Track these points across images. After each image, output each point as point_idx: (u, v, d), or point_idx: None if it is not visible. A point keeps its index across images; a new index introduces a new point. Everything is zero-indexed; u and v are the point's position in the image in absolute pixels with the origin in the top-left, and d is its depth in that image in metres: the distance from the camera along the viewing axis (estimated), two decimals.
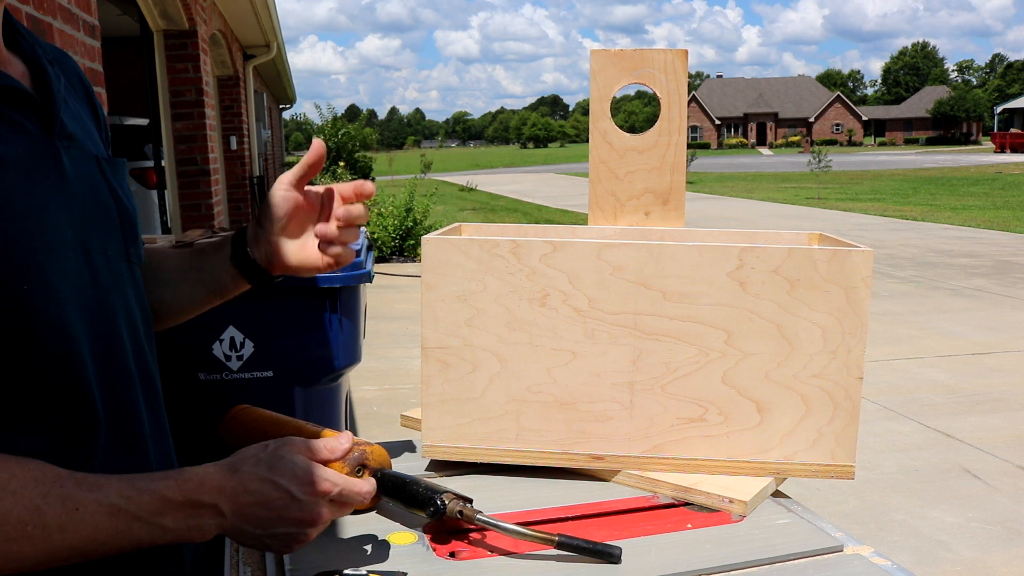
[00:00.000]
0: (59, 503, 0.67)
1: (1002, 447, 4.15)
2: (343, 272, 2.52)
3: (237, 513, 0.75)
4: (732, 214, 16.85)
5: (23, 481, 0.66)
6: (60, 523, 0.66)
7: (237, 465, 0.76)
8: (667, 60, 1.29)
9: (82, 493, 0.68)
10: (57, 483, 0.68)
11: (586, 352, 1.07)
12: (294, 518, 0.76)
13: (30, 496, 0.66)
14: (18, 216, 0.71)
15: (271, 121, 17.86)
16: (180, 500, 0.73)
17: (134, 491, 0.71)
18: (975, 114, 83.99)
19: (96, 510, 0.68)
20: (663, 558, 0.90)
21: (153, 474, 0.74)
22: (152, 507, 0.71)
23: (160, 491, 0.72)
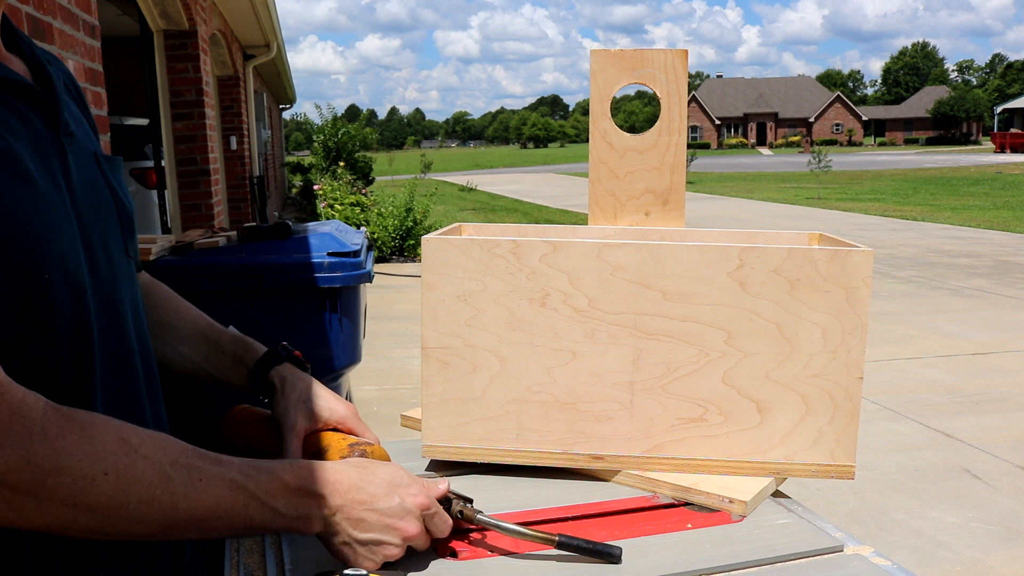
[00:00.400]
0: (185, 472, 0.70)
1: (1002, 447, 4.15)
2: (343, 272, 2.52)
3: (344, 509, 0.78)
4: (732, 214, 16.86)
5: (153, 447, 0.69)
6: (186, 491, 0.69)
7: (358, 464, 0.81)
8: (667, 60, 1.29)
9: (206, 465, 0.71)
10: (183, 453, 0.71)
11: (586, 352, 1.07)
12: (394, 526, 0.80)
13: (160, 462, 0.68)
14: (35, 209, 0.72)
15: (271, 121, 17.87)
16: (295, 485, 0.75)
17: (254, 470, 0.74)
18: (975, 114, 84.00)
19: (219, 483, 0.71)
20: (663, 558, 0.90)
21: (272, 460, 0.77)
22: (269, 488, 0.74)
23: (278, 473, 0.75)
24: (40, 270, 0.71)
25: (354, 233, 2.94)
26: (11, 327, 0.70)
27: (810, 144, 68.14)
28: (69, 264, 0.75)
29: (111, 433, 0.67)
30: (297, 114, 35.25)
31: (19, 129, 0.74)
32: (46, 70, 0.83)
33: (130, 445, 0.67)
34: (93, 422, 0.67)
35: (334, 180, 14.31)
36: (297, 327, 2.53)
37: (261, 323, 2.52)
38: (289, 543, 0.93)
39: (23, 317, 0.70)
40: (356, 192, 12.93)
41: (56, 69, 0.88)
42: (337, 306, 2.55)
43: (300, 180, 22.18)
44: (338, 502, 0.78)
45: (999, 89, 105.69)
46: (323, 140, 18.61)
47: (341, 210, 11.12)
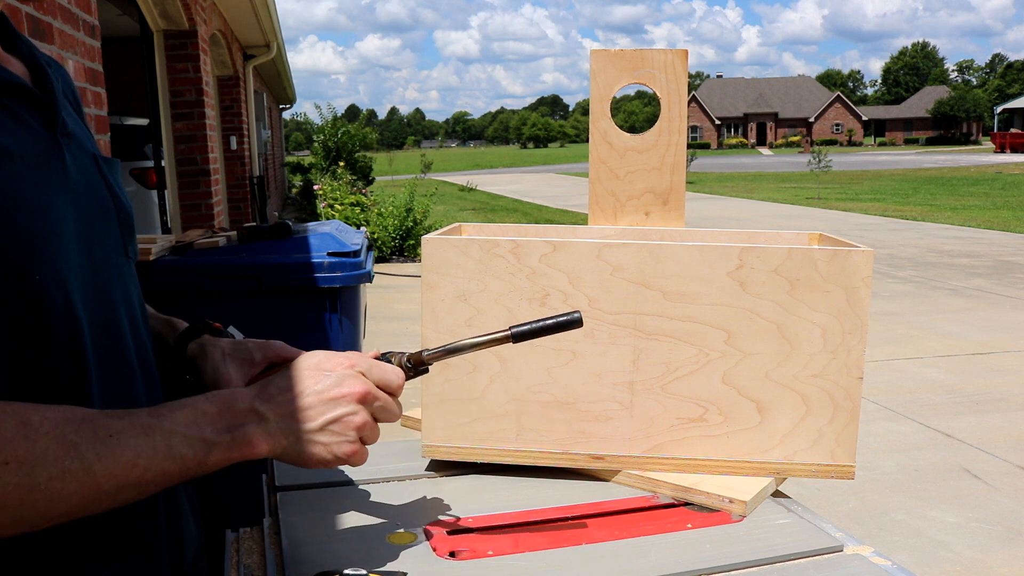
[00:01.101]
0: (91, 433, 0.66)
1: (1002, 447, 4.15)
2: (343, 272, 2.52)
3: (278, 412, 0.75)
4: (732, 214, 16.86)
5: (54, 421, 0.66)
6: (96, 452, 0.66)
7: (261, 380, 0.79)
8: (667, 60, 1.29)
9: (113, 421, 0.68)
10: (87, 418, 0.68)
11: (586, 352, 1.07)
12: (338, 395, 0.76)
13: (63, 432, 0.65)
14: (29, 209, 0.72)
15: (271, 121, 17.86)
16: (215, 410, 0.72)
17: (166, 408, 0.71)
18: (975, 114, 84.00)
19: (130, 432, 0.68)
20: (663, 558, 0.90)
21: (183, 399, 0.74)
22: (187, 419, 0.71)
23: (192, 404, 0.72)
24: (33, 271, 0.71)
25: (354, 233, 2.94)
26: (9, 328, 0.70)
27: (810, 144, 68.15)
28: (63, 266, 0.75)
29: (8, 420, 0.64)
30: (297, 114, 35.36)
31: (15, 130, 0.74)
32: (45, 72, 0.84)
33: (30, 426, 0.64)
34: None
35: (334, 180, 14.31)
36: (297, 327, 2.53)
37: (261, 323, 2.51)
38: (289, 543, 0.93)
39: (20, 318, 0.70)
40: (356, 192, 12.93)
41: (55, 72, 0.88)
42: (337, 306, 2.55)
43: (300, 180, 22.19)
44: (268, 406, 0.75)
45: (999, 89, 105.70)
46: (323, 140, 18.61)
47: (341, 210, 11.13)
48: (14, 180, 0.71)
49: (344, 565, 0.86)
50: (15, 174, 0.72)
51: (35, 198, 0.73)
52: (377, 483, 1.11)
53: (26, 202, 0.72)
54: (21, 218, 0.71)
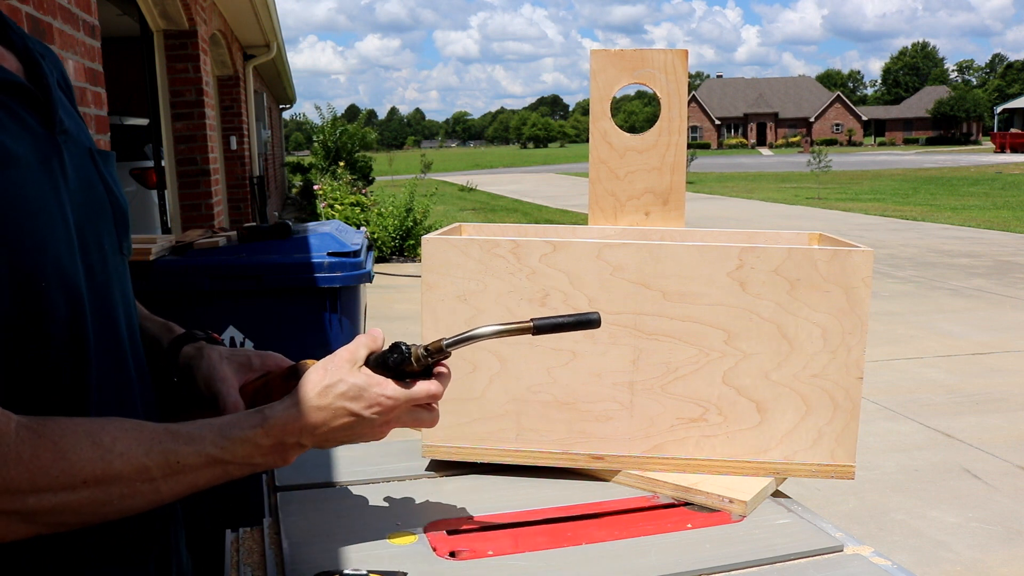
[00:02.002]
0: (162, 458, 0.72)
1: (1002, 447, 4.15)
2: (343, 272, 2.52)
3: (318, 442, 0.82)
4: (732, 214, 16.85)
5: (127, 443, 0.71)
6: (164, 475, 0.73)
7: (307, 400, 0.82)
8: (667, 60, 1.29)
9: (181, 447, 0.74)
10: (157, 439, 0.73)
11: (586, 352, 1.07)
12: (367, 432, 0.83)
13: (136, 455, 0.71)
14: (31, 213, 0.72)
15: (271, 121, 17.86)
16: (269, 444, 0.79)
17: (228, 441, 0.77)
18: (975, 114, 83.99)
19: (197, 462, 0.75)
20: (663, 558, 0.90)
21: (241, 420, 0.79)
22: (246, 453, 0.78)
23: (252, 439, 0.78)
24: (37, 277, 0.71)
25: (354, 233, 2.94)
26: (9, 331, 0.70)
27: (810, 144, 68.15)
28: (65, 269, 0.74)
29: (83, 440, 0.69)
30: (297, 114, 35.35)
31: (14, 130, 0.73)
32: (39, 65, 0.82)
33: (103, 447, 0.70)
34: (65, 433, 0.69)
35: (334, 180, 14.31)
36: (297, 327, 2.53)
37: (261, 323, 2.51)
38: (289, 543, 0.93)
39: (21, 321, 0.70)
40: (356, 192, 12.93)
41: (49, 63, 0.87)
42: (337, 306, 2.55)
43: (300, 180, 22.18)
44: (311, 441, 0.81)
45: (999, 89, 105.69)
46: (323, 140, 18.60)
47: (341, 210, 11.13)
48: (17, 184, 0.71)
49: (344, 565, 0.86)
50: (18, 178, 0.71)
51: (37, 202, 0.73)
52: (377, 483, 1.11)
53: (28, 206, 0.71)
54: (25, 223, 0.70)
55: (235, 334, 2.50)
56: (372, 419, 0.82)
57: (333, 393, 0.81)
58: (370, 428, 0.83)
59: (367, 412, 0.82)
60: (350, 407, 0.81)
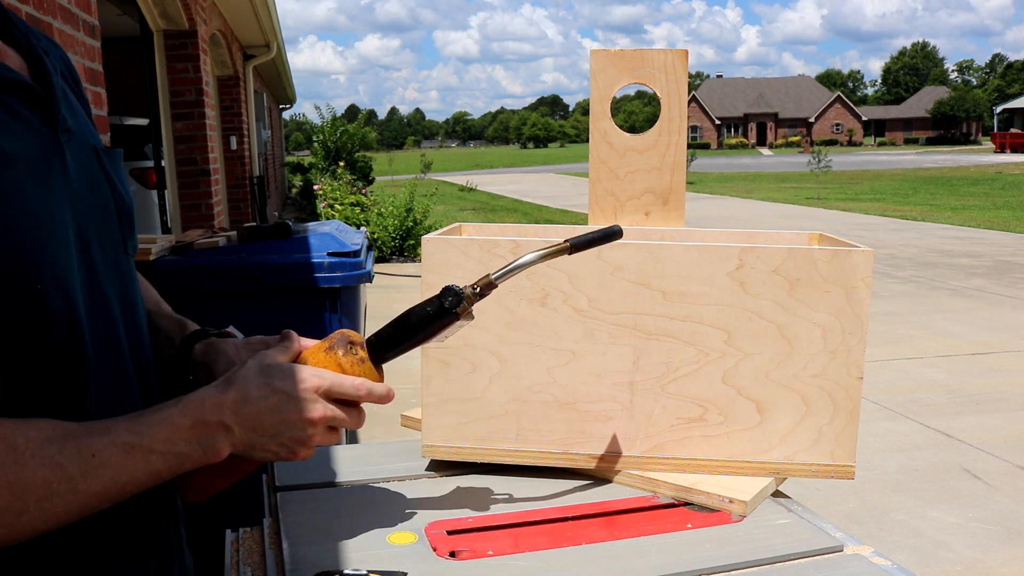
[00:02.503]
0: (76, 453, 0.69)
1: (1002, 447, 4.15)
2: (343, 272, 2.52)
3: (243, 424, 0.77)
4: (732, 214, 16.86)
5: (38, 442, 0.68)
6: (81, 471, 0.69)
7: (231, 379, 0.79)
8: (667, 60, 1.29)
9: (94, 439, 0.70)
10: (69, 437, 0.70)
11: (586, 352, 1.07)
12: (294, 418, 0.78)
13: (48, 454, 0.68)
14: (30, 214, 0.71)
15: (271, 121, 17.86)
16: (188, 424, 0.75)
17: (143, 425, 0.73)
18: (975, 114, 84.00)
19: (112, 451, 0.71)
20: (663, 558, 0.90)
21: (156, 407, 0.76)
22: (163, 436, 0.73)
23: (167, 419, 0.74)
24: (33, 278, 0.70)
25: (354, 233, 2.94)
26: (7, 332, 0.69)
27: (810, 144, 68.16)
28: (62, 270, 0.74)
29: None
30: (297, 114, 35.32)
31: (15, 130, 0.73)
32: (43, 62, 0.81)
33: (16, 449, 0.67)
34: None
35: (334, 180, 14.31)
36: (297, 327, 2.52)
37: (261, 323, 2.51)
38: (289, 543, 0.93)
39: (18, 322, 0.70)
40: (356, 192, 12.93)
41: (54, 59, 0.85)
42: (337, 306, 2.55)
43: (300, 180, 22.19)
44: (235, 419, 0.77)
45: (999, 89, 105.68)
46: (323, 140, 18.61)
47: (341, 210, 11.13)
48: (16, 185, 0.70)
49: (344, 565, 0.86)
50: (17, 179, 0.70)
51: (36, 202, 0.72)
52: (377, 483, 1.11)
53: (27, 207, 0.71)
54: (23, 224, 0.70)
55: (235, 334, 2.50)
56: (299, 398, 0.78)
57: (264, 375, 0.78)
58: (296, 412, 0.78)
59: (293, 390, 0.78)
60: (277, 384, 0.78)
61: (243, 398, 0.77)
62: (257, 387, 0.78)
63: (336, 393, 0.80)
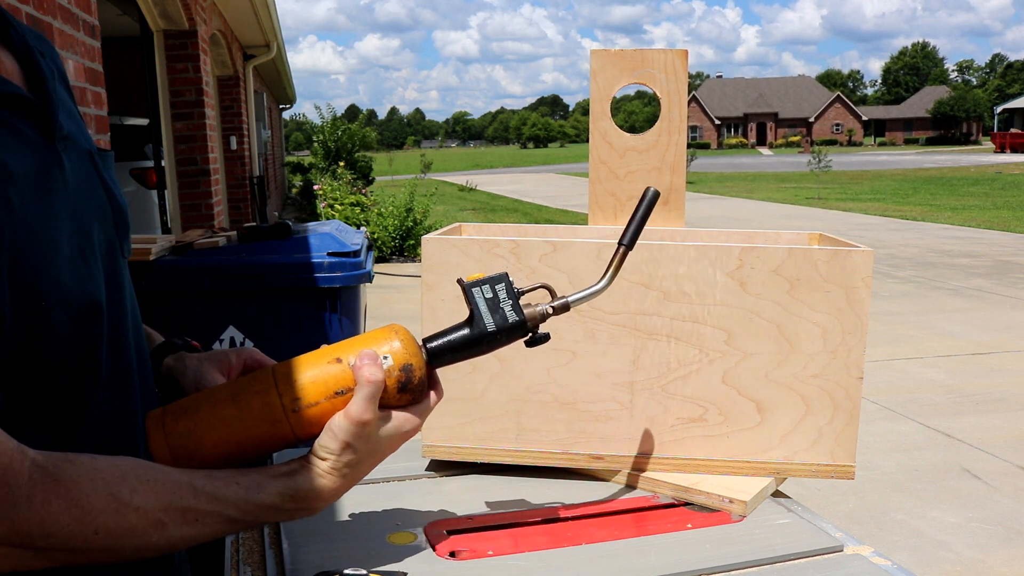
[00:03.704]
0: (180, 515, 0.71)
1: (1002, 447, 4.15)
2: (343, 272, 2.52)
3: (344, 487, 0.80)
4: (732, 214, 16.86)
5: (145, 495, 0.69)
6: (182, 534, 0.71)
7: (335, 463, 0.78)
8: (667, 60, 1.29)
9: (202, 504, 0.72)
10: (177, 494, 0.71)
11: (586, 352, 1.07)
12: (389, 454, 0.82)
13: (153, 510, 0.69)
14: (32, 232, 0.69)
15: (271, 121, 17.86)
16: (292, 508, 0.77)
17: (251, 505, 0.75)
18: (975, 114, 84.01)
19: (215, 521, 0.73)
20: (663, 558, 0.90)
21: (265, 480, 0.76)
22: (263, 515, 0.76)
23: (274, 504, 0.76)
24: (37, 296, 0.69)
25: (354, 233, 2.94)
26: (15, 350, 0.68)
27: (810, 144, 68.16)
28: (65, 285, 0.72)
29: (99, 491, 0.67)
30: (297, 114, 35.36)
31: (13, 146, 0.71)
32: (39, 67, 0.79)
33: (120, 500, 0.68)
34: (79, 480, 0.67)
35: (334, 180, 14.31)
36: (297, 327, 2.53)
37: (261, 323, 2.51)
38: (289, 543, 0.93)
39: (25, 339, 0.68)
40: (356, 192, 12.93)
41: (49, 61, 0.84)
42: (337, 306, 2.55)
43: (300, 180, 22.19)
44: (335, 497, 0.80)
45: (999, 89, 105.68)
46: (323, 140, 18.61)
47: (341, 210, 11.13)
48: (18, 203, 0.68)
49: (344, 565, 0.86)
50: (18, 197, 0.68)
51: (37, 218, 0.70)
52: (377, 483, 1.11)
53: (29, 223, 0.69)
54: (27, 243, 0.68)
55: (235, 334, 2.50)
56: (396, 446, 0.82)
57: (358, 453, 0.79)
58: (391, 449, 0.82)
59: (394, 446, 0.81)
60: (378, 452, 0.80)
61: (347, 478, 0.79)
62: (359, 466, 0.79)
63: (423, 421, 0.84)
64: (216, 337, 2.47)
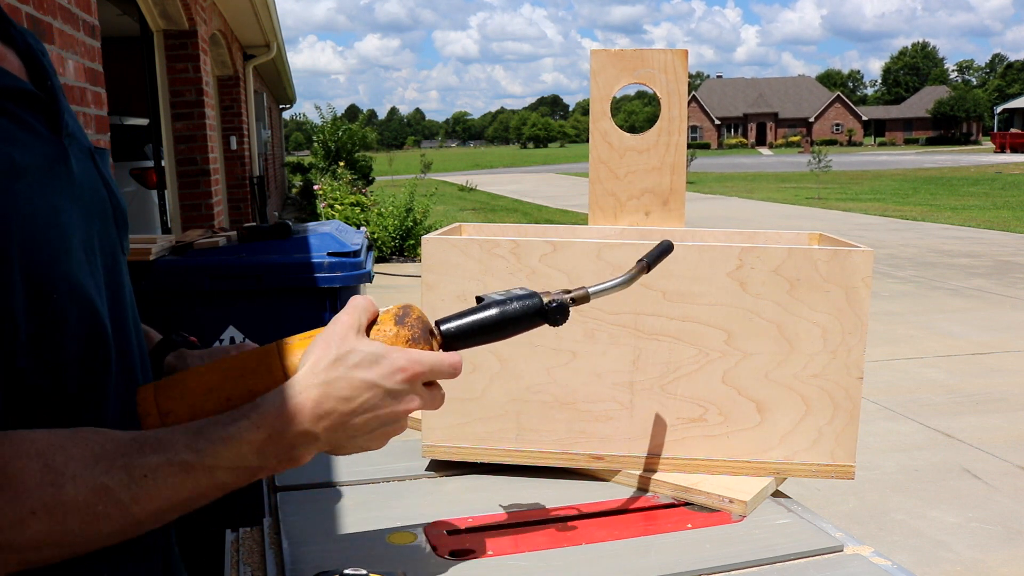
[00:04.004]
0: (124, 474, 0.62)
1: (1002, 447, 4.15)
2: (343, 272, 2.52)
3: (331, 428, 0.69)
4: (732, 214, 16.86)
5: (81, 461, 0.61)
6: (132, 495, 0.62)
7: (312, 375, 0.69)
8: (667, 60, 1.29)
9: (147, 458, 0.63)
10: (118, 454, 0.63)
11: (586, 352, 1.07)
12: (389, 413, 0.70)
13: (92, 476, 0.61)
14: (43, 226, 0.69)
15: (271, 121, 17.86)
16: (262, 438, 0.66)
17: (205, 441, 0.65)
18: (975, 114, 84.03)
19: (168, 471, 0.63)
20: (663, 558, 0.90)
21: (222, 418, 0.67)
22: (231, 454, 0.66)
23: (236, 436, 0.66)
24: (49, 288, 0.68)
25: (354, 233, 2.94)
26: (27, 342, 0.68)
27: (810, 144, 68.18)
28: (76, 279, 0.72)
29: (33, 463, 0.60)
30: (297, 114, 35.30)
31: (24, 139, 0.71)
32: (41, 63, 0.79)
33: (54, 470, 0.60)
34: (15, 456, 0.60)
35: (334, 180, 14.31)
36: (297, 327, 2.52)
37: (261, 323, 2.51)
38: (289, 543, 0.93)
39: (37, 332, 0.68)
40: (356, 192, 12.94)
41: (47, 60, 0.85)
42: (337, 306, 2.55)
43: (300, 180, 22.20)
44: (323, 423, 0.68)
45: (999, 89, 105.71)
46: (323, 140, 18.62)
47: (341, 210, 11.13)
48: (28, 197, 0.68)
49: (344, 565, 0.86)
50: (28, 190, 0.68)
51: (48, 212, 0.70)
52: (377, 483, 1.11)
53: (41, 219, 0.69)
54: (36, 235, 0.68)
55: (235, 334, 2.50)
56: (396, 390, 0.69)
57: (346, 364, 0.69)
58: (393, 406, 0.70)
59: (390, 382, 0.69)
60: (369, 377, 0.69)
61: (327, 396, 0.68)
62: (346, 383, 0.68)
63: (432, 378, 0.73)
64: (216, 337, 2.47)
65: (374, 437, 0.72)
